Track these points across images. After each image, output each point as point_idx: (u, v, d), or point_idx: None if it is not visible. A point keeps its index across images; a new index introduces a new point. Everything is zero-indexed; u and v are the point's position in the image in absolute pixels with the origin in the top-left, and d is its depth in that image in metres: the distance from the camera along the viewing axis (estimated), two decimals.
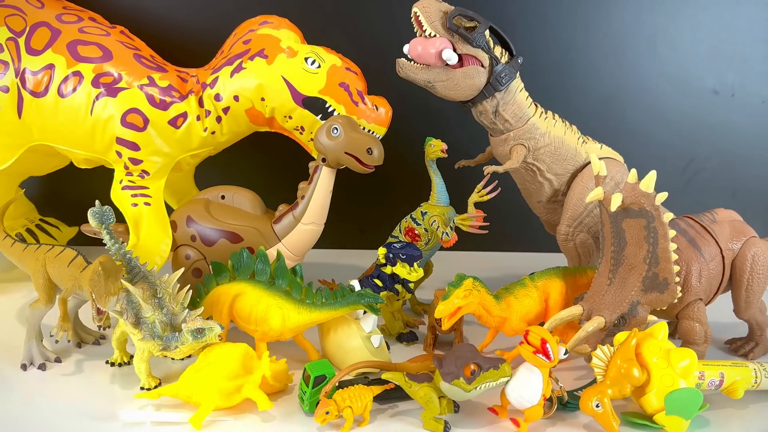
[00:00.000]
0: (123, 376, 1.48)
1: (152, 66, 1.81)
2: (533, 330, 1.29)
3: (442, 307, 1.42)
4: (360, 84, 1.80)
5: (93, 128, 1.75)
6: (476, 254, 2.34)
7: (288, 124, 1.81)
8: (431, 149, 1.74)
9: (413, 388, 1.30)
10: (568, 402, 1.36)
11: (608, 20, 2.32)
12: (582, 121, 1.84)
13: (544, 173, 1.74)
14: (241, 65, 1.76)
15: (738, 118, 2.40)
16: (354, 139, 1.56)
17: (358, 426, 1.30)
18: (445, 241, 1.70)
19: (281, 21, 1.86)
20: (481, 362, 1.25)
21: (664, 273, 1.42)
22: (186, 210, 1.72)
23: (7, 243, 1.62)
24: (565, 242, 1.79)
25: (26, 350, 1.52)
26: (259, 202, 1.74)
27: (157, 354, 1.38)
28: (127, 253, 1.41)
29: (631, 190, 1.40)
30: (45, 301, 1.51)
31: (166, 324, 1.37)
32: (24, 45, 1.75)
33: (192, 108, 1.77)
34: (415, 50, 1.61)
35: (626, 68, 2.35)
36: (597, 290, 1.47)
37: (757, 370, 1.40)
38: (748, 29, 2.33)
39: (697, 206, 1.76)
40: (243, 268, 1.53)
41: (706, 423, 1.35)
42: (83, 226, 1.69)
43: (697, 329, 1.52)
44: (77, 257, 1.49)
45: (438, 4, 1.60)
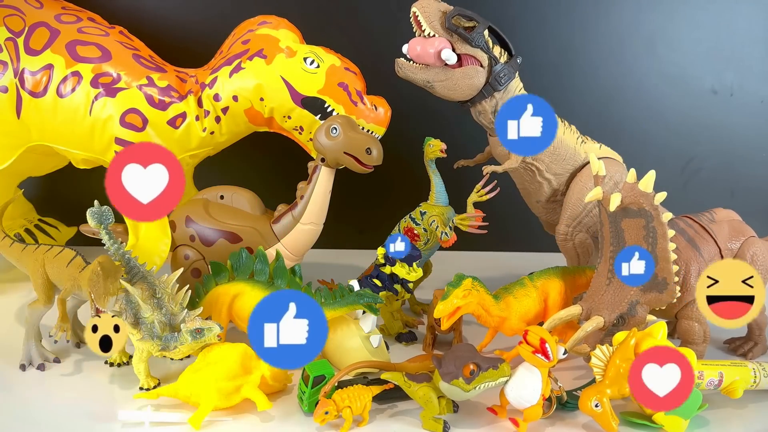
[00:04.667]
0: (122, 376, 1.48)
1: (151, 66, 1.81)
2: (532, 330, 1.29)
3: (441, 307, 1.42)
4: (359, 84, 1.80)
5: (92, 128, 1.75)
6: (475, 254, 2.34)
7: (287, 124, 1.81)
8: (430, 149, 1.74)
9: (412, 388, 1.30)
10: (567, 402, 1.36)
11: (607, 20, 2.32)
12: (581, 120, 1.84)
13: (543, 173, 1.74)
14: (240, 65, 1.76)
15: (737, 118, 2.40)
16: (353, 139, 1.56)
17: (357, 426, 1.30)
18: (444, 241, 1.69)
19: (280, 21, 1.87)
20: (480, 362, 1.25)
21: (663, 273, 1.42)
22: (185, 210, 1.72)
23: (6, 243, 1.62)
24: (564, 242, 1.79)
25: (25, 350, 1.51)
26: (258, 202, 1.74)
27: (156, 354, 1.38)
28: (126, 254, 1.41)
29: (630, 190, 1.40)
30: (44, 301, 1.51)
31: (165, 324, 1.37)
32: (23, 45, 1.75)
33: (191, 108, 1.77)
34: (414, 50, 1.61)
35: (625, 68, 2.35)
36: (596, 290, 1.47)
37: (756, 369, 1.40)
38: (746, 29, 2.33)
39: (696, 206, 1.76)
40: (242, 268, 1.53)
41: (706, 423, 1.35)
42: (82, 227, 1.69)
43: (695, 329, 1.52)
44: (76, 257, 1.49)
45: (437, 4, 1.60)
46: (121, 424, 1.29)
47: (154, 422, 1.29)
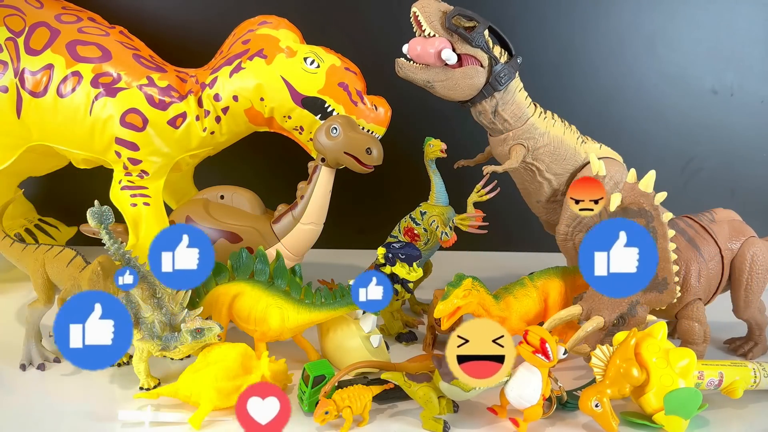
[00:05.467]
0: (122, 376, 1.48)
1: (151, 66, 1.81)
2: (532, 330, 1.29)
3: (442, 307, 1.42)
4: (359, 84, 1.80)
5: (92, 128, 1.75)
6: (475, 254, 2.34)
7: (287, 124, 1.81)
8: (430, 149, 1.74)
9: (412, 388, 1.30)
10: (567, 402, 1.36)
11: (607, 20, 2.32)
12: (581, 120, 1.84)
13: (543, 173, 1.74)
14: (240, 65, 1.76)
15: (737, 118, 2.40)
16: (353, 139, 1.56)
17: (358, 426, 1.30)
18: (445, 241, 1.69)
19: (280, 21, 1.87)
20: None
21: (664, 273, 1.42)
22: (185, 210, 1.72)
23: (6, 243, 1.62)
24: (564, 242, 1.79)
25: (25, 350, 1.51)
26: (258, 202, 1.74)
27: (157, 354, 1.38)
28: (126, 253, 1.41)
29: (630, 190, 1.40)
30: (44, 301, 1.51)
31: (165, 324, 1.37)
32: (23, 45, 1.75)
33: (191, 108, 1.77)
34: (414, 50, 1.61)
35: (625, 68, 2.35)
36: (596, 290, 1.46)
37: (756, 369, 1.40)
38: (747, 29, 2.33)
39: (696, 206, 1.76)
40: (242, 268, 1.53)
41: (706, 423, 1.35)
42: (82, 226, 1.69)
43: (696, 329, 1.52)
44: (76, 257, 1.49)
45: (437, 4, 1.60)
46: (121, 424, 1.29)
47: (154, 422, 1.29)
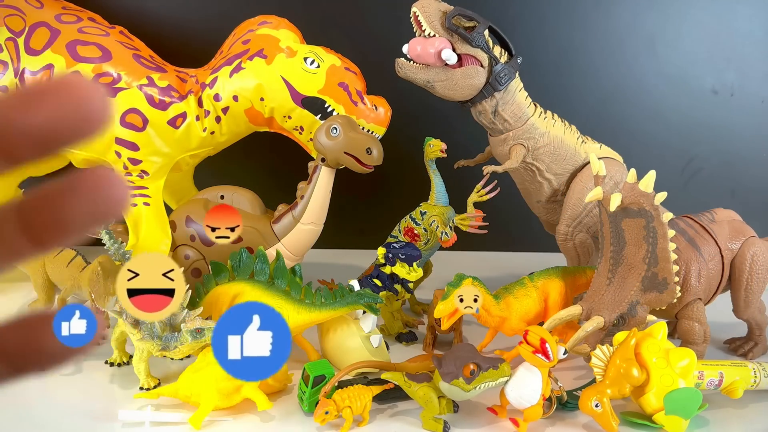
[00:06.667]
0: (122, 376, 1.48)
1: (151, 66, 1.81)
2: (532, 330, 1.29)
3: (442, 307, 1.42)
4: (359, 84, 1.80)
5: None
6: (476, 254, 2.34)
7: (287, 124, 1.81)
8: (430, 149, 1.74)
9: (412, 388, 1.30)
10: (567, 402, 1.36)
11: (607, 20, 2.32)
12: (581, 120, 1.84)
13: (544, 173, 1.74)
14: (240, 65, 1.76)
15: (737, 118, 2.40)
16: (353, 139, 1.56)
17: (358, 426, 1.30)
18: (445, 241, 1.69)
19: (280, 21, 1.86)
20: (480, 362, 1.25)
21: (664, 273, 1.42)
22: (185, 210, 1.72)
23: None
24: (565, 242, 1.79)
25: None
26: (258, 202, 1.74)
27: (157, 354, 1.38)
28: (127, 253, 1.41)
29: (630, 190, 1.40)
30: (44, 301, 1.51)
31: (165, 324, 1.37)
32: (23, 45, 1.75)
33: (191, 108, 1.77)
34: (414, 50, 1.61)
35: (625, 68, 2.35)
36: (596, 290, 1.46)
37: (756, 369, 1.40)
38: (747, 29, 2.33)
39: (697, 206, 1.76)
40: (242, 268, 1.53)
41: (706, 423, 1.35)
42: None
43: (696, 329, 1.52)
44: (76, 257, 1.49)
45: (437, 4, 1.60)
46: (121, 424, 1.29)
47: (154, 422, 1.29)
